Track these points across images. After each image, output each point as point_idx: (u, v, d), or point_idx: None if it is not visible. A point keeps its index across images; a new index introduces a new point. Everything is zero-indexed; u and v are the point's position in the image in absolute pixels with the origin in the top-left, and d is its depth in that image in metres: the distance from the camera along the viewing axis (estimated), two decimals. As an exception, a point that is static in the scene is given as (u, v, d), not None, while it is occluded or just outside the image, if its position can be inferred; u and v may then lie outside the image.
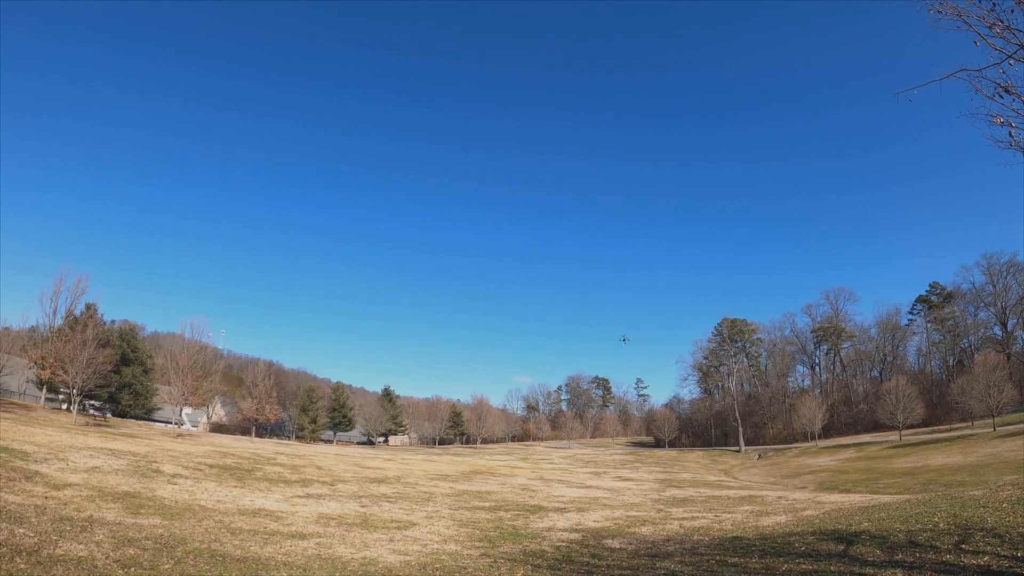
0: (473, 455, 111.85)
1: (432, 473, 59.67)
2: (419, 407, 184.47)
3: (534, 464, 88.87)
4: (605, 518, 32.06)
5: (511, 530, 26.50)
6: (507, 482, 55.14)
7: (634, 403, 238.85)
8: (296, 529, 23.47)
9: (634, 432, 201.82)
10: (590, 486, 55.38)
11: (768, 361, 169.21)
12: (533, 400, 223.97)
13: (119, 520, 20.66)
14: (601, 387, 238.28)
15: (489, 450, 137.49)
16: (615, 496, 46.27)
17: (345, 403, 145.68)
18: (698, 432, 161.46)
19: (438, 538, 23.61)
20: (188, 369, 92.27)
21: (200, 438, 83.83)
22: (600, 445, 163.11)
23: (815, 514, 29.37)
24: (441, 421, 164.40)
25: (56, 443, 42.86)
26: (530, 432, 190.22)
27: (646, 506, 38.96)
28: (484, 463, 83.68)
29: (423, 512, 32.04)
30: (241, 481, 38.82)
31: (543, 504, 38.51)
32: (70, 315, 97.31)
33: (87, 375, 73.47)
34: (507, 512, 33.62)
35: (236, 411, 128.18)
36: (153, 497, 27.49)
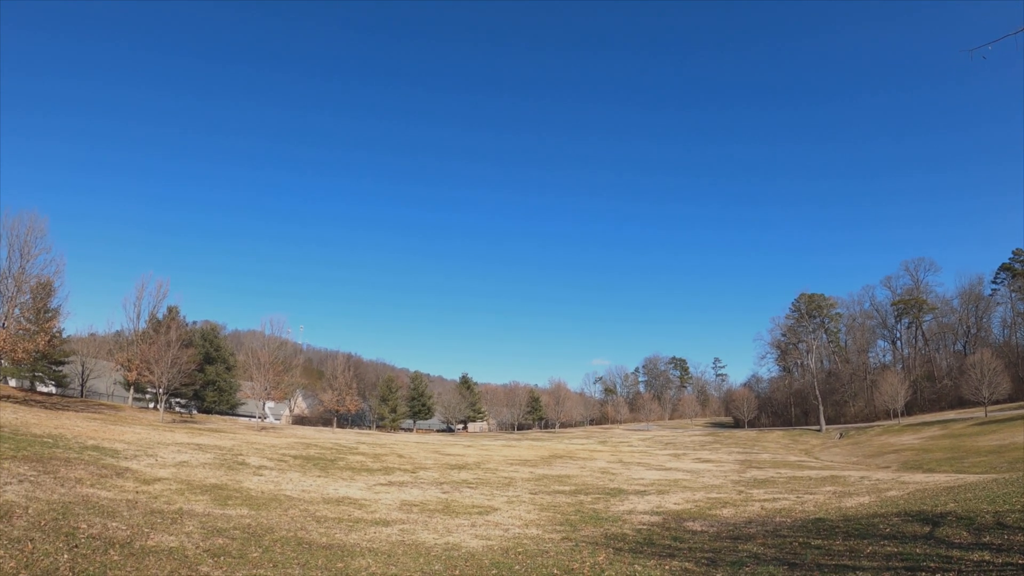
0: (552, 439, 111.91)
1: (512, 458, 59.83)
2: (497, 393, 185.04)
3: (613, 447, 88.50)
4: (686, 500, 31.70)
5: (592, 513, 26.36)
6: (586, 465, 54.97)
7: (712, 383, 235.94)
8: (380, 516, 23.67)
9: (712, 412, 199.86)
10: (669, 468, 54.89)
11: (848, 337, 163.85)
12: (610, 383, 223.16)
13: (207, 511, 21.11)
14: (678, 368, 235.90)
15: (568, 434, 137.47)
16: (695, 478, 45.78)
17: (424, 392, 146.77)
18: (777, 411, 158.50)
19: (519, 522, 23.59)
20: (269, 364, 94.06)
21: (283, 430, 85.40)
22: (678, 426, 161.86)
23: (899, 495, 28.62)
24: (519, 406, 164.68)
25: (145, 440, 44.12)
26: (608, 415, 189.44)
27: (727, 488, 38.42)
28: (563, 447, 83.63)
29: (504, 497, 32.08)
30: (324, 471, 39.37)
31: (623, 487, 38.25)
32: (153, 318, 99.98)
33: (172, 374, 75.34)
34: (587, 496, 33.48)
35: (317, 403, 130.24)
36: (240, 489, 28.04)
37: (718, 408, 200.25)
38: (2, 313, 63.11)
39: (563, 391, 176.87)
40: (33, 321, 69.07)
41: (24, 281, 65.03)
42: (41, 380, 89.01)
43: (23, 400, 64.42)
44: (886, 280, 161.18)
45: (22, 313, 67.94)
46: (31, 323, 68.57)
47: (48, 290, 72.16)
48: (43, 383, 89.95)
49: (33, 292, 68.78)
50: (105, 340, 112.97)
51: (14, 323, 64.62)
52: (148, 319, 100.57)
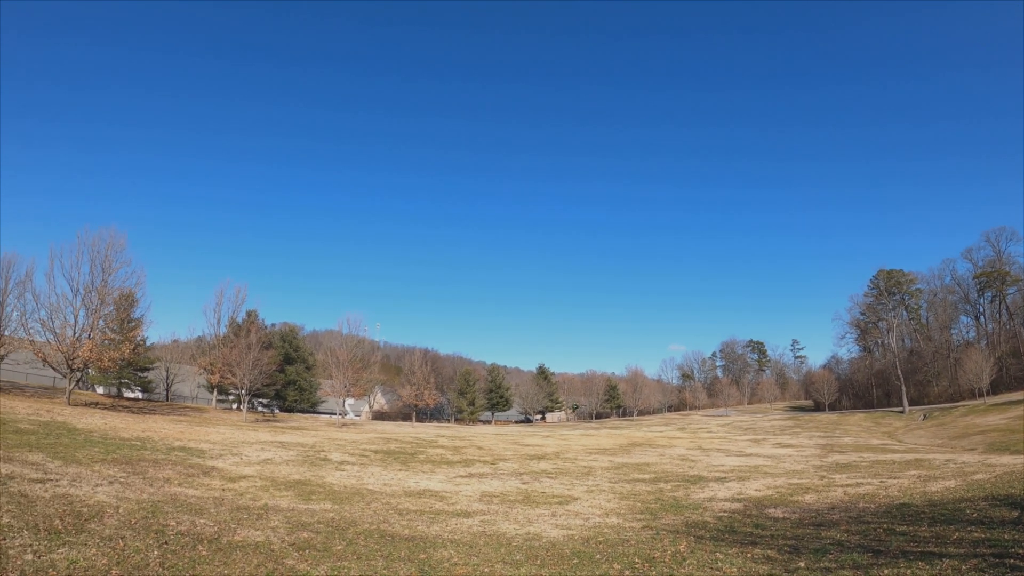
0: (630, 427, 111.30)
1: (590, 447, 59.61)
2: (574, 382, 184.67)
3: (692, 433, 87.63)
4: (766, 487, 31.15)
5: (672, 501, 26.06)
6: (665, 453, 54.50)
7: (791, 366, 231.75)
8: (460, 508, 23.72)
9: (792, 396, 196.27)
10: (749, 454, 54.07)
11: (929, 313, 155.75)
12: (688, 368, 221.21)
13: (292, 507, 21.38)
14: (756, 351, 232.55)
15: (646, 421, 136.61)
16: (776, 463, 44.99)
17: (501, 383, 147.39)
18: (859, 393, 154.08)
19: (599, 511, 23.42)
20: (348, 362, 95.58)
21: (363, 426, 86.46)
22: (758, 411, 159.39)
23: (986, 478, 27.83)
24: (596, 395, 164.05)
25: (229, 440, 45.07)
26: (686, 401, 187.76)
27: (808, 473, 37.68)
28: (641, 435, 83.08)
29: (583, 486, 31.91)
30: (405, 464, 39.67)
31: (703, 474, 37.79)
32: (233, 323, 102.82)
33: (254, 376, 76.94)
34: (667, 483, 33.13)
35: (396, 398, 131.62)
36: (323, 484, 28.37)
37: (797, 391, 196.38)
38: (87, 325, 65.18)
39: (640, 378, 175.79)
40: (117, 331, 71.17)
41: (107, 294, 67.14)
42: (127, 386, 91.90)
43: (111, 406, 66.40)
44: (966, 252, 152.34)
45: (107, 324, 70.11)
46: (116, 333, 70.66)
47: (130, 301, 74.44)
48: (129, 389, 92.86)
49: (116, 304, 71.01)
50: (188, 346, 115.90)
51: (99, 334, 66.68)
52: (228, 324, 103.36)
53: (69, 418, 45.31)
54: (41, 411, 47.03)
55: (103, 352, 64.13)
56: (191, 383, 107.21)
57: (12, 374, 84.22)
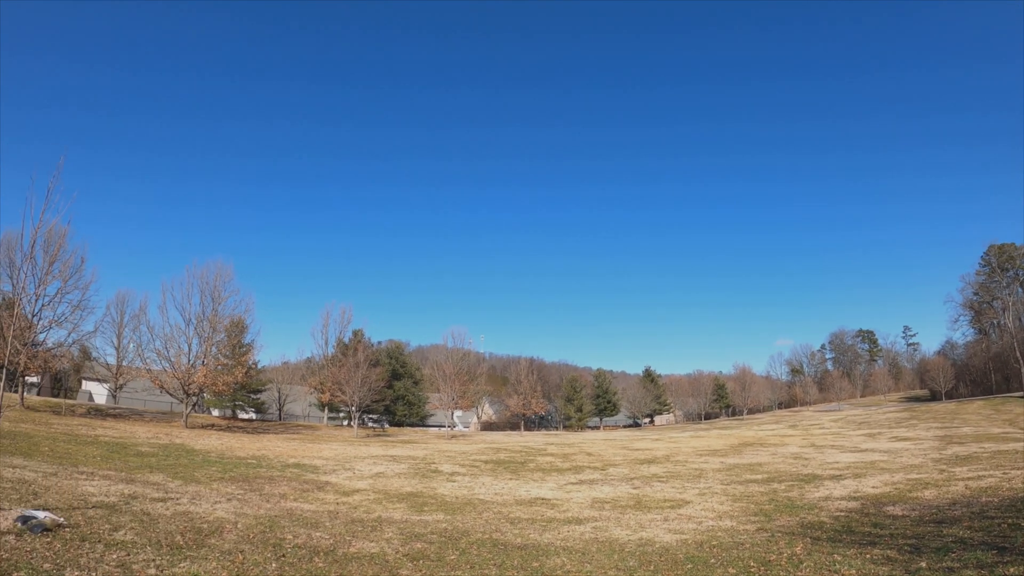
0: (740, 427, 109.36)
1: (701, 449, 58.71)
2: (681, 384, 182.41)
3: (804, 430, 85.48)
4: (883, 483, 30.02)
5: (786, 502, 25.34)
6: (778, 452, 53.22)
7: (903, 354, 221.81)
8: (572, 515, 23.53)
9: (906, 386, 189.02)
10: (864, 449, 52.31)
11: None
12: (796, 363, 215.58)
13: (405, 518, 21.54)
14: (866, 340, 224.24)
15: (756, 420, 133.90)
16: (892, 458, 43.35)
17: (608, 388, 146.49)
18: (976, 379, 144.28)
19: (712, 515, 22.92)
20: (454, 375, 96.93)
21: (472, 437, 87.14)
22: (871, 404, 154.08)
23: (1122, 464, 26.32)
24: (704, 395, 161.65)
25: (341, 455, 45.92)
26: (796, 397, 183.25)
27: (926, 467, 36.18)
28: (752, 434, 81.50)
29: (695, 489, 31.34)
30: (515, 473, 39.69)
31: (817, 472, 36.69)
32: (340, 343, 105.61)
33: (363, 393, 78.44)
34: (780, 483, 32.27)
35: (503, 408, 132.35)
36: (434, 495, 28.55)
37: (912, 381, 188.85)
38: (201, 352, 67.70)
39: (748, 376, 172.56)
40: (230, 356, 73.86)
41: (218, 322, 69.76)
42: (241, 408, 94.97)
43: (226, 427, 68.59)
44: None
45: (219, 350, 72.89)
46: (228, 358, 73.35)
47: (240, 327, 77.09)
48: (243, 410, 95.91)
49: (227, 331, 73.66)
50: (297, 367, 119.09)
51: (212, 360, 69.27)
52: (336, 344, 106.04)
53: (187, 440, 46.92)
54: (160, 434, 48.83)
55: (217, 377, 66.46)
56: (302, 402, 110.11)
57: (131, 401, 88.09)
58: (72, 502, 17.71)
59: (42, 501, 17.09)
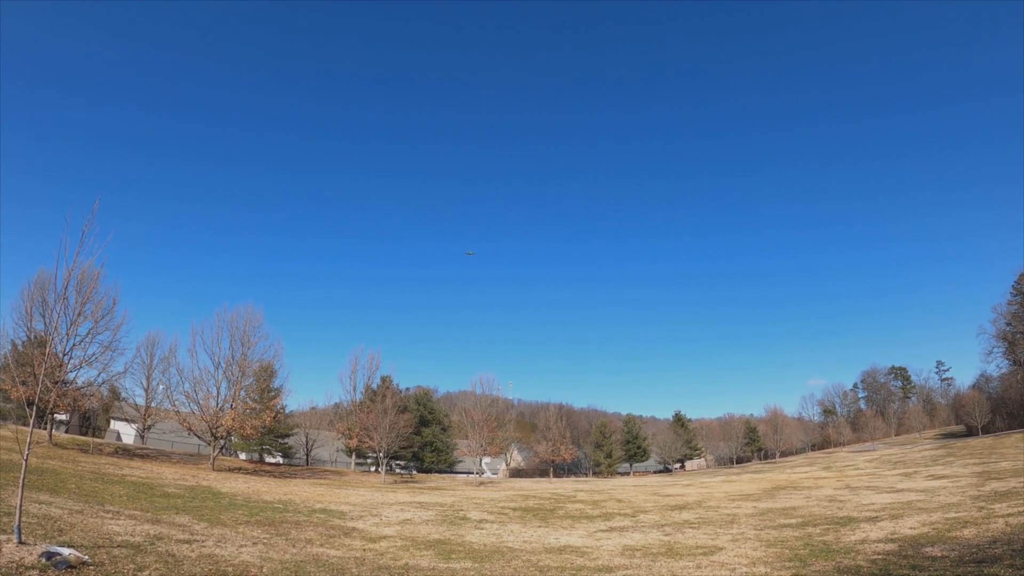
0: (773, 470, 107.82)
1: (733, 494, 57.79)
2: (712, 428, 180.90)
3: (838, 472, 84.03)
4: (921, 523, 29.32)
5: (822, 546, 24.75)
6: (812, 495, 52.25)
7: (937, 389, 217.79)
8: (602, 563, 23.07)
9: (941, 422, 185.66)
10: (901, 489, 51.29)
11: None
12: (829, 403, 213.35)
13: (432, 565, 21.19)
14: (899, 377, 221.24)
15: (789, 463, 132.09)
16: (929, 497, 42.41)
17: (638, 434, 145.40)
18: (1013, 412, 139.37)
19: (746, 561, 22.40)
20: (482, 422, 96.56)
21: (501, 484, 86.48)
22: (906, 442, 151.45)
23: None
24: (736, 439, 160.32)
25: (369, 501, 45.65)
26: (829, 438, 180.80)
27: (965, 505, 35.33)
28: (785, 477, 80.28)
29: (728, 535, 30.74)
30: (544, 521, 39.17)
31: (852, 515, 35.92)
32: (368, 389, 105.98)
33: (391, 439, 78.31)
34: (815, 527, 31.60)
35: (532, 455, 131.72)
36: (462, 542, 28.18)
37: (947, 417, 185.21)
38: (230, 395, 68.00)
39: (780, 418, 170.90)
40: (258, 400, 74.12)
41: (247, 366, 70.14)
42: (269, 452, 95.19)
43: (253, 471, 68.52)
44: None
45: (248, 394, 73.18)
46: (256, 402, 73.61)
47: (269, 372, 77.45)
48: (271, 455, 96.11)
49: (256, 375, 74.04)
50: (325, 412, 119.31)
51: (241, 404, 69.52)
52: (364, 389, 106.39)
53: (213, 483, 46.84)
54: (187, 476, 48.82)
55: (245, 420, 66.62)
56: (330, 447, 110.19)
57: (159, 442, 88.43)
58: (97, 540, 17.60)
59: (67, 538, 17.00)
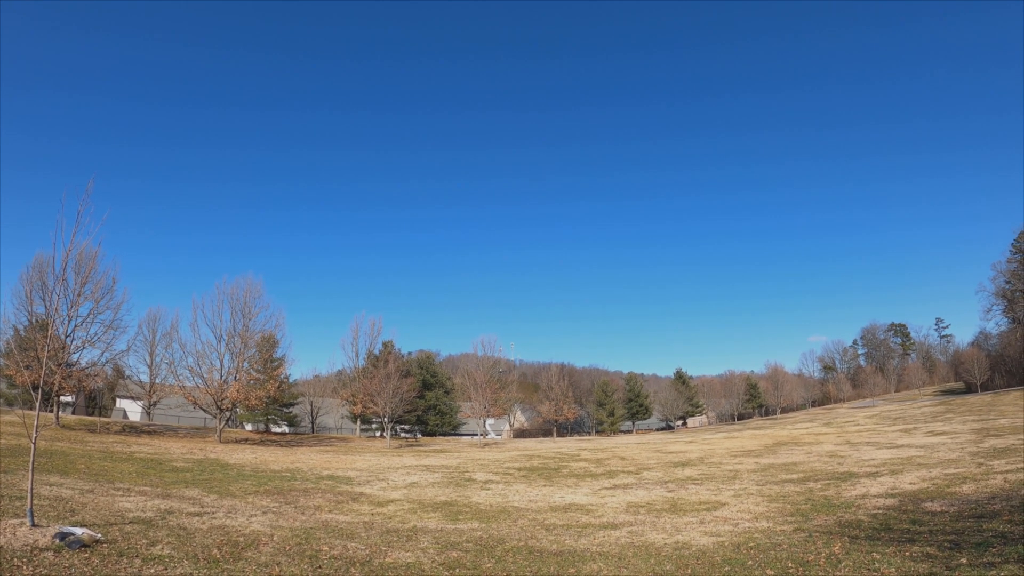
0: (774, 426, 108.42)
1: (734, 450, 58.23)
2: (713, 384, 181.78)
3: (838, 428, 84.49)
4: (921, 479, 29.63)
5: (823, 501, 25.07)
6: (812, 450, 52.65)
7: (937, 346, 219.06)
8: (607, 520, 23.38)
9: (940, 379, 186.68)
10: (900, 445, 51.64)
11: None
12: (828, 359, 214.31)
13: (440, 527, 21.50)
14: (899, 334, 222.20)
15: (789, 419, 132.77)
16: (929, 453, 42.76)
17: (639, 392, 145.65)
18: (1012, 370, 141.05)
19: (748, 516, 22.71)
20: (485, 384, 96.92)
21: (505, 445, 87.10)
22: (906, 399, 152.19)
23: None
24: (737, 396, 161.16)
25: (375, 466, 46.05)
26: (829, 394, 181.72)
27: (964, 461, 35.66)
28: (786, 433, 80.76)
29: (730, 491, 31.08)
30: (549, 480, 39.54)
31: (853, 470, 36.27)
32: (371, 354, 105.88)
33: (394, 404, 78.54)
34: (816, 483, 31.94)
35: (535, 415, 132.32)
36: (468, 503, 28.50)
37: (946, 374, 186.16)
38: (233, 368, 68.20)
39: (780, 374, 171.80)
40: (261, 371, 74.25)
41: (249, 337, 70.17)
42: (274, 421, 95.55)
43: (259, 441, 68.98)
44: None
45: (251, 365, 73.35)
46: (260, 373, 73.74)
47: (272, 342, 77.45)
48: (276, 424, 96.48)
49: (258, 346, 74.13)
50: (329, 379, 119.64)
51: (244, 375, 69.74)
52: (366, 355, 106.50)
53: (221, 455, 47.23)
54: (194, 450, 49.20)
55: (249, 392, 66.89)
56: (335, 415, 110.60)
57: (165, 417, 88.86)
58: (109, 518, 17.83)
59: (79, 518, 17.22)
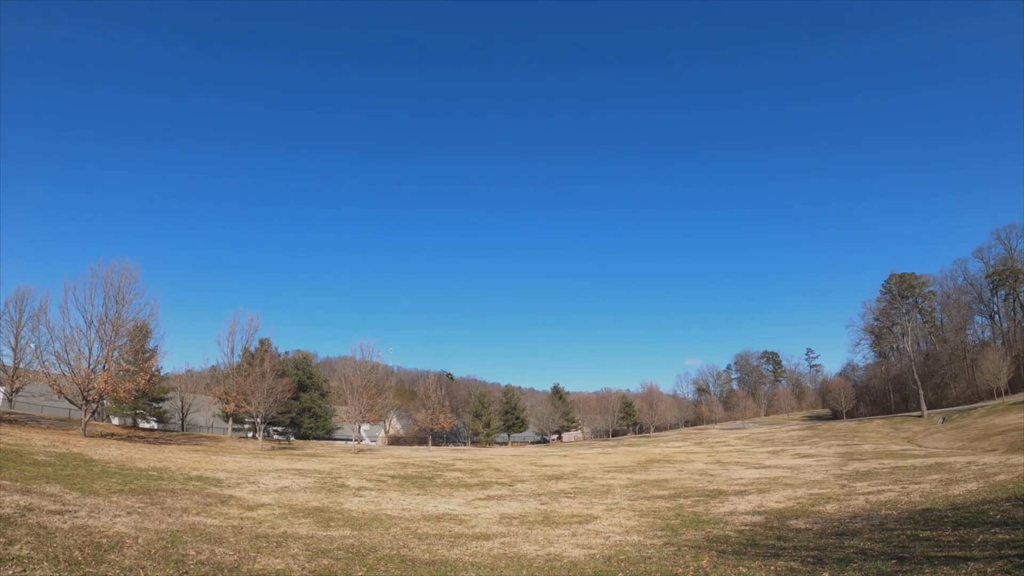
0: (647, 444, 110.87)
1: (608, 465, 59.36)
2: (589, 401, 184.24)
3: (710, 448, 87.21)
4: (787, 498, 31.01)
5: (692, 517, 25.94)
6: (684, 468, 54.20)
7: (806, 375, 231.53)
8: (480, 530, 23.59)
9: (809, 405, 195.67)
10: (769, 466, 53.77)
11: (943, 315, 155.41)
12: (703, 382, 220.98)
13: (311, 534, 21.30)
14: (771, 361, 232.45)
15: (663, 437, 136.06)
16: (795, 474, 44.73)
17: (516, 405, 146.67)
18: (876, 399, 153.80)
19: (620, 530, 23.28)
20: (362, 388, 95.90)
21: (380, 452, 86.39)
22: (775, 422, 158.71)
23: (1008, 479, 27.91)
24: (612, 413, 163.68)
25: (246, 468, 45.06)
26: (703, 415, 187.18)
27: (828, 482, 37.51)
28: (659, 451, 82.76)
29: (603, 505, 31.76)
30: (423, 489, 39.56)
31: (722, 488, 37.60)
32: (246, 352, 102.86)
33: (268, 404, 76.86)
34: (687, 499, 32.97)
35: (411, 423, 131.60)
36: (341, 510, 28.28)
37: (814, 400, 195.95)
38: (102, 356, 65.44)
39: (656, 394, 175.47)
40: (132, 362, 71.56)
41: (121, 325, 67.38)
42: (143, 417, 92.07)
43: (127, 436, 66.53)
44: (977, 251, 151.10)
45: (121, 355, 70.59)
46: (130, 364, 71.05)
47: (144, 332, 74.79)
48: (145, 419, 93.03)
49: (130, 335, 71.34)
50: (202, 375, 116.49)
51: (114, 365, 66.99)
52: (242, 353, 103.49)
53: (85, 449, 45.44)
54: (57, 443, 47.18)
55: (118, 383, 64.34)
56: (206, 412, 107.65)
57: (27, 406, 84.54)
58: (-38, 514, 17.08)
59: (-71, 514, 16.45)
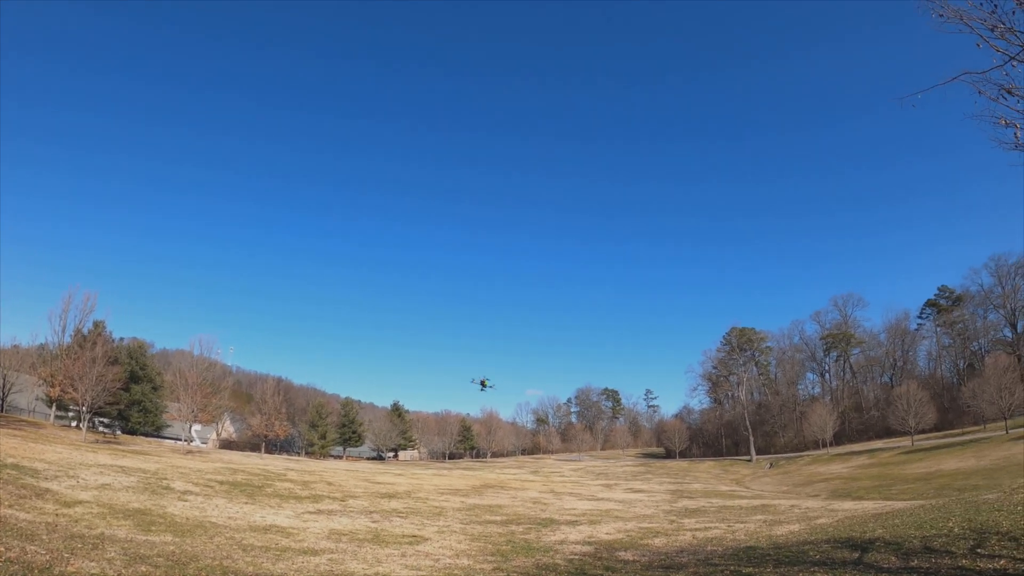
0: (483, 469, 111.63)
1: (443, 487, 59.52)
2: (428, 422, 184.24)
3: (545, 477, 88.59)
4: (617, 530, 31.94)
5: (523, 544, 26.41)
6: (518, 495, 54.94)
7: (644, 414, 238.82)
8: (308, 545, 23.39)
9: (644, 443, 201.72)
10: (601, 498, 55.14)
11: (778, 369, 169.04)
12: (543, 413, 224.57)
13: (130, 537, 20.62)
14: (611, 399, 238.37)
15: (499, 464, 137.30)
16: (627, 508, 46.06)
17: (354, 419, 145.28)
18: (709, 442, 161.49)
19: (450, 552, 23.53)
20: (197, 386, 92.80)
21: (210, 455, 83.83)
22: (611, 457, 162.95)
23: (829, 522, 29.36)
24: (451, 435, 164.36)
25: (66, 460, 42.92)
26: (540, 445, 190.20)
27: (658, 517, 38.81)
28: (495, 477, 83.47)
29: (435, 527, 31.94)
30: (252, 497, 38.76)
31: (555, 517, 38.36)
32: (79, 333, 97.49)
33: (96, 393, 73.59)
34: (519, 526, 33.50)
35: (246, 427, 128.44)
36: (164, 514, 27.46)
37: (650, 439, 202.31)
38: None
39: (495, 421, 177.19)
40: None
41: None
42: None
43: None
44: (815, 315, 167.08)
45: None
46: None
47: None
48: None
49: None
50: (28, 353, 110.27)
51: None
52: (74, 333, 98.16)
53: None
54: None
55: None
56: (29, 394, 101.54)
57: None
58: None
59: None
